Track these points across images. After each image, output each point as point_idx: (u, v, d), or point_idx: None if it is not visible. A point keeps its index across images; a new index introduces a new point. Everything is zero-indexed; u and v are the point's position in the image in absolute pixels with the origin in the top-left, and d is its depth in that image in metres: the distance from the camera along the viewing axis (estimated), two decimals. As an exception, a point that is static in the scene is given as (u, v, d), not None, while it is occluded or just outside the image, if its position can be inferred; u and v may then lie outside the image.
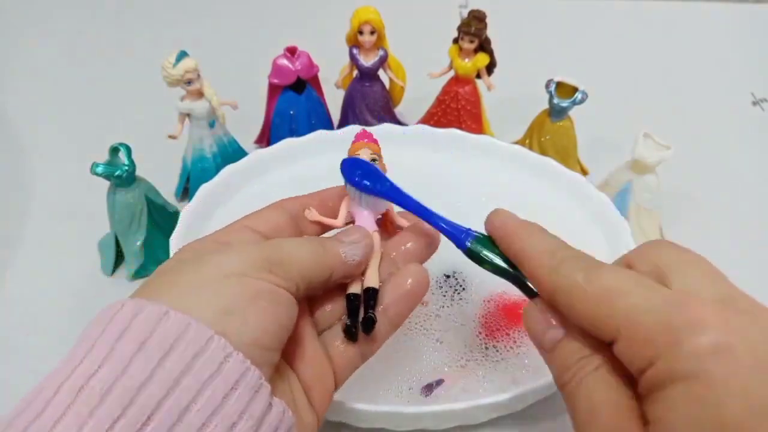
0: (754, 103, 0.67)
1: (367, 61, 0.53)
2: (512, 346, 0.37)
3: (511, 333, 0.37)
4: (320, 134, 0.49)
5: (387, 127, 0.50)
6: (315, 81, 0.55)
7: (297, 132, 0.53)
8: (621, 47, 0.76)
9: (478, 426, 0.36)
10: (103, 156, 0.44)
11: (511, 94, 0.59)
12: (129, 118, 0.62)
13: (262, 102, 0.56)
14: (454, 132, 0.49)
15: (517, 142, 0.54)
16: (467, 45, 0.51)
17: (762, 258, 0.50)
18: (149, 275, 0.24)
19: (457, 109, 0.55)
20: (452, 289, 0.40)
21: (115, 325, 0.20)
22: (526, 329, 0.26)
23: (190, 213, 0.42)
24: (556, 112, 0.51)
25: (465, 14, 0.52)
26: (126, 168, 0.43)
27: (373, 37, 0.51)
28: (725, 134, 0.63)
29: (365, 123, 0.55)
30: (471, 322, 0.38)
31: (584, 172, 0.54)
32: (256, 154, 0.47)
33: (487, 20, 0.51)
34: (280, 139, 0.48)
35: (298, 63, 0.52)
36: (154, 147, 0.49)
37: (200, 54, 0.48)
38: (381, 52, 0.53)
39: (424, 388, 0.35)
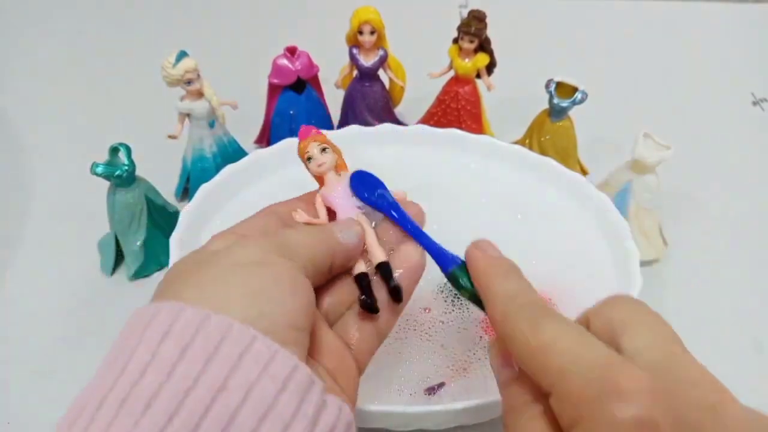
0: (754, 103, 0.67)
1: (367, 61, 0.53)
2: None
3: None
4: (320, 134, 0.49)
5: (387, 127, 0.50)
6: (315, 81, 0.55)
7: (297, 132, 0.53)
8: (621, 47, 0.76)
9: (479, 426, 0.36)
10: (103, 156, 0.44)
11: (511, 94, 0.59)
12: (129, 118, 0.62)
13: (262, 102, 0.56)
14: (454, 132, 0.49)
15: (517, 142, 0.54)
16: (467, 45, 0.51)
17: (762, 258, 0.50)
18: (158, 275, 0.24)
19: (457, 109, 0.55)
20: (452, 293, 0.40)
21: (155, 330, 0.19)
22: (489, 361, 0.26)
23: (190, 213, 0.42)
24: (556, 112, 0.51)
25: (465, 14, 0.52)
26: (126, 168, 0.43)
27: (373, 37, 0.51)
28: (725, 134, 0.63)
29: (365, 123, 0.55)
30: (472, 325, 0.38)
31: (584, 172, 0.54)
32: (256, 154, 0.47)
33: (487, 20, 0.51)
34: (280, 139, 0.48)
35: (298, 63, 0.52)
36: (154, 147, 0.49)
37: (200, 54, 0.48)
38: (381, 52, 0.53)
39: (427, 390, 0.35)
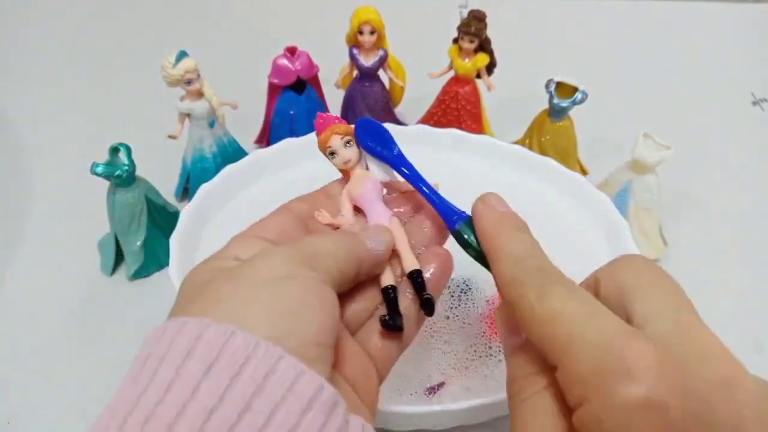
0: (754, 103, 0.67)
1: (367, 61, 0.53)
2: (512, 346, 0.37)
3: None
4: (320, 134, 0.49)
5: (387, 127, 0.50)
6: (315, 81, 0.55)
7: (297, 132, 0.53)
8: (621, 47, 0.76)
9: (479, 426, 0.36)
10: (103, 156, 0.44)
11: (511, 94, 0.59)
12: (129, 118, 0.62)
13: (262, 102, 0.56)
14: (454, 132, 0.49)
15: (517, 142, 0.54)
16: (467, 45, 0.51)
17: (762, 258, 0.50)
18: (158, 275, 0.23)
19: (457, 109, 0.55)
20: (459, 288, 0.40)
21: (179, 346, 0.19)
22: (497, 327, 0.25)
23: (190, 213, 0.42)
24: (556, 112, 0.51)
25: (465, 14, 0.52)
26: (126, 168, 0.43)
27: (373, 37, 0.51)
28: (725, 134, 0.63)
29: (365, 123, 0.55)
30: (476, 321, 0.38)
31: (584, 172, 0.54)
32: (256, 154, 0.47)
33: (487, 20, 0.51)
34: (280, 139, 0.48)
35: (298, 63, 0.52)
36: (154, 147, 0.49)
37: (200, 54, 0.48)
38: (381, 52, 0.53)
39: (427, 390, 0.35)
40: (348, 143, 0.28)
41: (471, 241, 0.26)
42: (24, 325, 0.44)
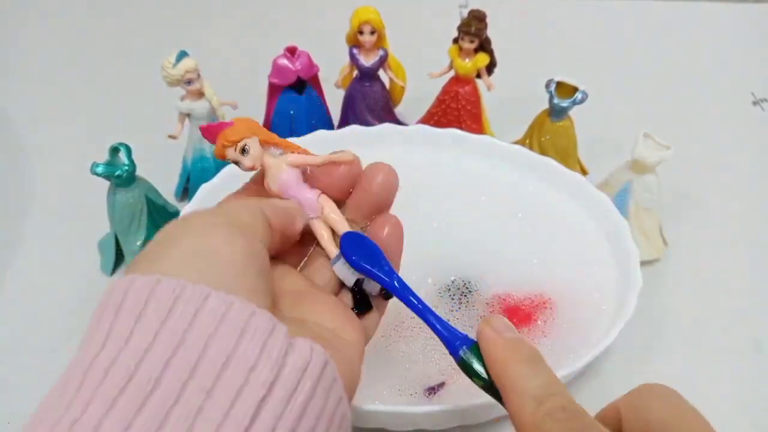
0: (754, 103, 0.67)
1: (367, 61, 0.53)
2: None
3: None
4: (320, 134, 0.49)
5: (387, 127, 0.50)
6: (315, 81, 0.55)
7: (297, 132, 0.53)
8: (621, 47, 0.76)
9: (479, 426, 0.36)
10: (103, 156, 0.44)
11: (511, 94, 0.59)
12: (129, 118, 0.62)
13: (262, 102, 0.56)
14: (454, 132, 0.49)
15: (517, 142, 0.54)
16: (467, 45, 0.51)
17: (762, 258, 0.50)
18: None
19: (457, 109, 0.55)
20: (459, 291, 0.40)
21: (110, 306, 0.20)
22: None
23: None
24: (556, 112, 0.51)
25: (465, 14, 0.52)
26: (126, 168, 0.43)
27: (373, 37, 0.51)
28: (725, 134, 0.63)
29: (365, 123, 0.55)
30: (476, 323, 0.38)
31: (584, 172, 0.54)
32: (257, 154, 0.47)
33: (487, 20, 0.51)
34: (280, 139, 0.48)
35: (298, 63, 0.52)
36: (154, 147, 0.49)
37: (200, 54, 0.48)
38: (381, 52, 0.53)
39: (427, 390, 0.35)
40: (244, 149, 0.27)
41: (478, 370, 0.24)
42: (24, 325, 0.44)
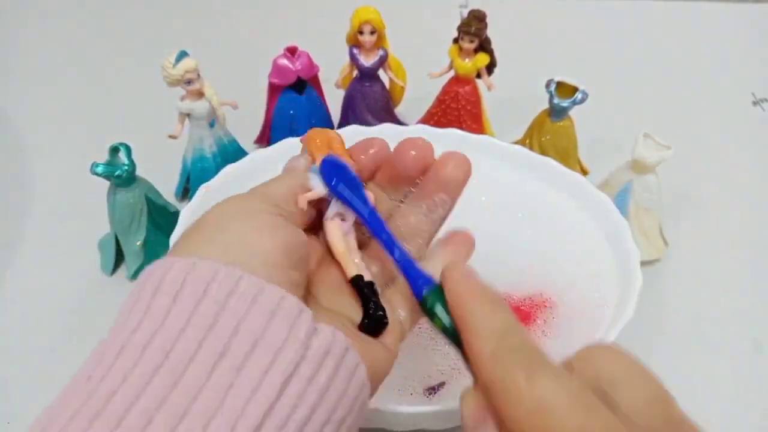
0: (755, 103, 0.67)
1: (367, 61, 0.53)
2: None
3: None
4: (320, 134, 0.49)
5: (387, 127, 0.50)
6: (315, 81, 0.55)
7: (297, 132, 0.53)
8: (621, 47, 0.76)
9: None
10: (103, 156, 0.44)
11: (511, 94, 0.59)
12: (129, 118, 0.62)
13: (262, 102, 0.56)
14: (454, 132, 0.49)
15: (517, 142, 0.54)
16: (467, 45, 0.51)
17: (762, 258, 0.50)
18: None
19: (457, 109, 0.55)
20: None
21: (149, 286, 0.21)
22: (461, 417, 0.23)
23: (190, 213, 0.42)
24: (556, 112, 0.51)
25: (465, 14, 0.52)
26: (126, 168, 0.43)
27: (373, 37, 0.51)
28: (725, 134, 0.63)
29: (365, 123, 0.55)
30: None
31: (584, 172, 0.54)
32: (256, 154, 0.47)
33: (487, 20, 0.51)
34: (280, 139, 0.48)
35: (298, 63, 0.52)
36: (154, 147, 0.49)
37: (200, 54, 0.48)
38: (381, 52, 0.53)
39: (427, 390, 0.35)
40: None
41: (439, 312, 0.23)
42: (24, 325, 0.44)
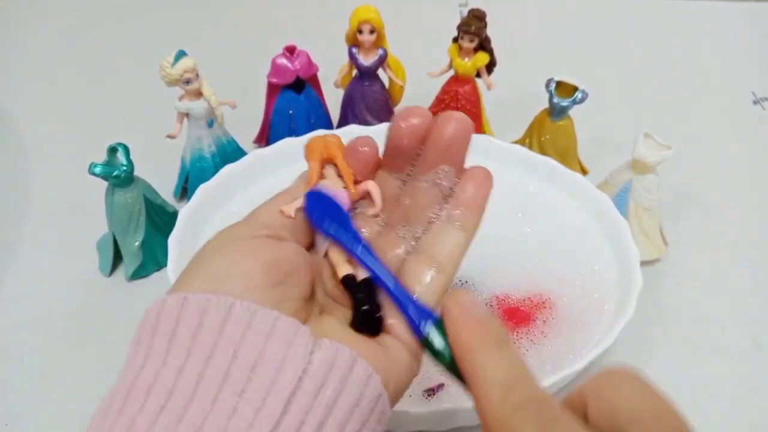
0: (755, 102, 0.67)
1: (367, 60, 0.53)
2: (512, 347, 0.37)
3: (512, 334, 0.37)
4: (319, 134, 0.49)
5: (386, 126, 0.50)
6: (314, 80, 0.55)
7: (296, 131, 0.53)
8: (621, 46, 0.75)
9: (478, 427, 0.36)
10: (102, 156, 0.44)
11: (511, 94, 0.59)
12: (127, 118, 0.62)
13: (261, 102, 0.56)
14: (454, 132, 0.49)
15: (517, 142, 0.53)
16: (467, 44, 0.51)
17: (762, 258, 0.49)
18: (157, 275, 0.25)
19: (456, 108, 0.55)
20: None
21: (147, 326, 0.21)
22: None
23: (188, 213, 0.42)
24: (556, 112, 0.51)
25: (465, 13, 0.52)
26: (124, 168, 0.43)
27: (373, 37, 0.51)
28: (725, 134, 0.63)
29: (365, 123, 0.55)
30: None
31: (584, 172, 0.54)
32: (255, 154, 0.47)
33: (487, 19, 0.51)
34: (279, 138, 0.48)
35: (297, 62, 0.52)
36: (153, 147, 0.49)
37: (199, 54, 0.48)
38: (380, 52, 0.53)
39: (426, 391, 0.35)
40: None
41: (442, 351, 0.22)
42: (23, 325, 0.44)
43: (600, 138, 0.59)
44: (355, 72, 0.55)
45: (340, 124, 0.57)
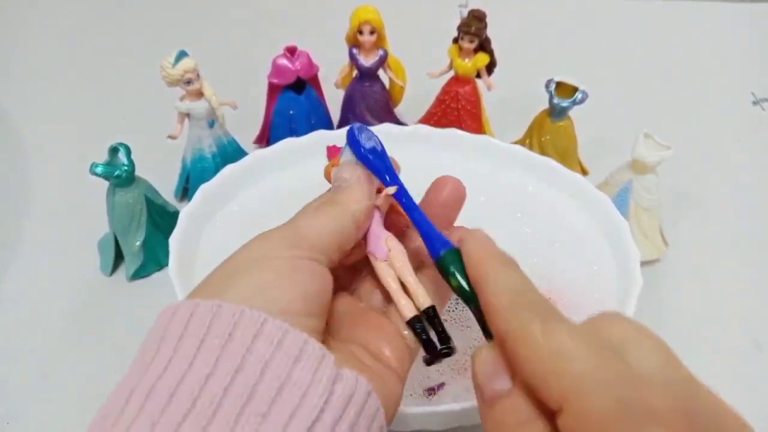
0: (755, 102, 0.67)
1: (367, 60, 0.53)
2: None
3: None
4: (320, 134, 0.49)
5: (387, 127, 0.50)
6: (315, 81, 0.55)
7: (296, 132, 0.53)
8: (621, 47, 0.76)
9: (479, 426, 0.36)
10: (103, 156, 0.44)
11: (511, 94, 0.59)
12: (129, 118, 0.62)
13: (261, 102, 0.56)
14: (454, 132, 0.49)
15: (517, 142, 0.54)
16: (467, 45, 0.51)
17: (762, 258, 0.50)
18: (158, 275, 0.25)
19: (457, 108, 0.55)
20: None
21: (174, 328, 0.21)
22: (472, 373, 0.22)
23: (189, 213, 0.42)
24: (556, 112, 0.51)
25: (465, 14, 0.52)
26: (125, 168, 0.43)
27: (373, 37, 0.51)
28: (725, 134, 0.63)
29: (365, 123, 0.55)
30: (474, 323, 0.38)
31: (584, 172, 0.54)
32: (256, 154, 0.47)
33: (487, 20, 0.51)
34: (280, 139, 0.48)
35: (297, 63, 0.52)
36: (154, 147, 0.49)
37: (200, 54, 0.48)
38: (381, 52, 0.53)
39: (427, 390, 0.35)
40: None
41: (453, 270, 0.25)
42: (24, 325, 0.44)
43: (600, 138, 0.59)
44: (355, 72, 0.55)
45: (341, 125, 0.57)
